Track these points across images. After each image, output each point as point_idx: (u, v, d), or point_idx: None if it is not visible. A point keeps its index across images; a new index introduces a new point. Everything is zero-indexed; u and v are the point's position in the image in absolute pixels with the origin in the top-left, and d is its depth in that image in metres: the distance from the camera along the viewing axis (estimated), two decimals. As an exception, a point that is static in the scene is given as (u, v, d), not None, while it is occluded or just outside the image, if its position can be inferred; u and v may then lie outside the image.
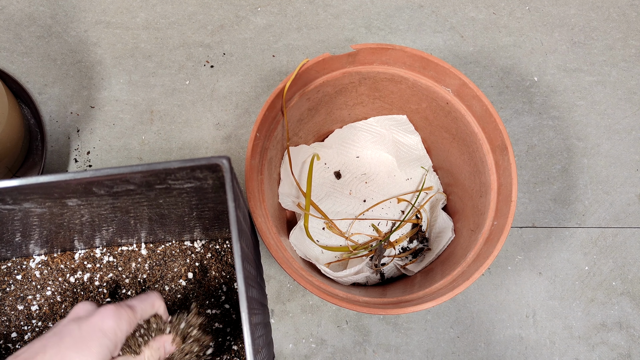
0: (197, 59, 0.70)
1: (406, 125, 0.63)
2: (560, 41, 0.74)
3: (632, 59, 0.73)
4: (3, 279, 0.54)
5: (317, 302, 0.63)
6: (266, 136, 0.53)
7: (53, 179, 0.32)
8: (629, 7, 0.76)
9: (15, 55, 0.69)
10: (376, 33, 0.73)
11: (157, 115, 0.68)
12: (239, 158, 0.67)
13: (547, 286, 0.65)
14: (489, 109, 0.51)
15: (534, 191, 0.68)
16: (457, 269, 0.51)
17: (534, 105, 0.71)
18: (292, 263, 0.49)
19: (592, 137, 0.70)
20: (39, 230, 0.44)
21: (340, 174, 0.66)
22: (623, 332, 0.64)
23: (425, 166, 0.66)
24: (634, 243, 0.67)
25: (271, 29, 0.72)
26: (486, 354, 0.62)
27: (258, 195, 0.50)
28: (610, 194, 0.68)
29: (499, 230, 0.49)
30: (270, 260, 0.64)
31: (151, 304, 0.43)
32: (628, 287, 0.65)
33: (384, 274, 0.62)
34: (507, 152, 0.50)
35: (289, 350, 0.61)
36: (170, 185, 0.36)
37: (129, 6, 0.72)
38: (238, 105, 0.69)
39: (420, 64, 0.54)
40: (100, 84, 0.69)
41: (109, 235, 0.50)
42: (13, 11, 0.71)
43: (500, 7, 0.75)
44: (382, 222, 0.64)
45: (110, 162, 0.66)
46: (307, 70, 0.52)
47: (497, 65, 0.72)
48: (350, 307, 0.46)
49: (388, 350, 0.62)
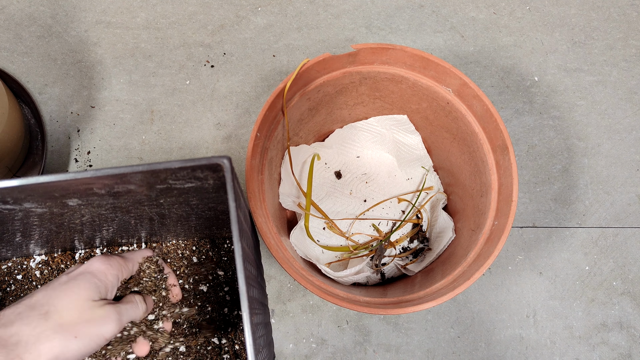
0: (198, 59, 0.70)
1: (407, 125, 0.63)
2: (561, 41, 0.74)
3: (632, 59, 0.73)
4: (3, 279, 0.54)
5: (318, 302, 0.63)
6: (267, 136, 0.53)
7: (53, 179, 0.32)
8: (630, 7, 0.76)
9: (16, 55, 0.69)
10: (376, 33, 0.73)
11: (158, 115, 0.68)
12: (239, 158, 0.67)
13: (547, 286, 0.65)
14: (489, 109, 0.51)
15: (534, 191, 0.68)
16: (458, 269, 0.51)
17: (534, 105, 0.71)
18: (292, 263, 0.49)
19: (592, 137, 0.70)
20: (39, 230, 0.44)
21: (340, 174, 0.66)
22: (623, 332, 0.64)
23: (426, 166, 0.66)
24: (634, 243, 0.67)
25: (271, 29, 0.72)
26: (486, 354, 0.62)
27: (258, 195, 0.50)
28: (611, 193, 0.68)
29: (499, 230, 0.49)
30: (271, 260, 0.64)
31: (142, 255, 0.45)
32: (628, 287, 0.65)
33: (384, 274, 0.62)
34: (508, 152, 0.50)
35: (290, 350, 0.61)
36: (171, 185, 0.35)
37: (129, 6, 0.72)
38: (238, 105, 0.69)
39: (420, 63, 0.53)
40: (101, 83, 0.69)
41: (110, 235, 0.50)
42: (13, 11, 0.71)
43: (500, 7, 0.75)
44: (383, 222, 0.64)
45: (111, 162, 0.66)
46: (307, 70, 0.52)
47: (498, 65, 0.72)
48: (351, 307, 0.46)
49: (388, 350, 0.62)
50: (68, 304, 0.36)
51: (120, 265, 0.42)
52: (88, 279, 0.38)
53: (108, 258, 0.41)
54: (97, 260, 0.40)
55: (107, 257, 0.41)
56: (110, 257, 0.41)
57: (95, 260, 0.40)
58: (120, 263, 0.42)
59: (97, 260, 0.40)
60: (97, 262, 0.40)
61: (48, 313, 0.35)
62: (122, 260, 0.42)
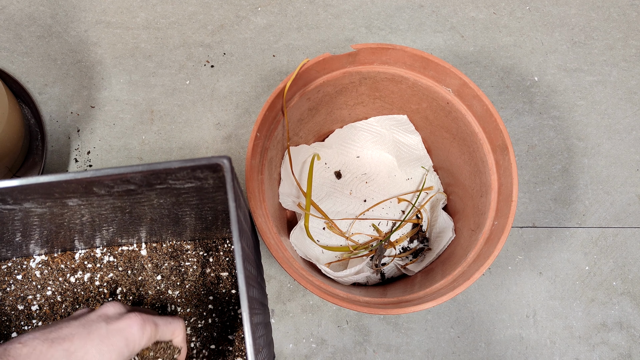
0: (198, 59, 0.70)
1: (406, 125, 0.63)
2: (561, 41, 0.74)
3: (632, 59, 0.73)
4: (3, 278, 0.54)
5: (318, 302, 0.63)
6: (266, 136, 0.53)
7: (53, 179, 0.32)
8: (630, 7, 0.76)
9: (16, 55, 0.69)
10: (376, 33, 0.73)
11: (158, 115, 0.68)
12: (239, 158, 0.67)
13: (547, 286, 0.65)
14: (489, 109, 0.51)
15: (534, 191, 0.68)
16: (458, 268, 0.51)
17: (534, 105, 0.71)
18: (292, 263, 0.49)
19: (592, 137, 0.70)
20: (39, 230, 0.44)
21: (340, 174, 0.66)
22: (623, 332, 0.64)
23: (426, 166, 0.66)
24: (634, 243, 0.67)
25: (271, 29, 0.72)
26: (486, 354, 0.62)
27: (258, 195, 0.50)
28: (611, 193, 0.68)
29: (499, 230, 0.49)
30: (271, 260, 0.64)
31: (172, 331, 0.42)
32: (628, 287, 0.65)
33: (384, 274, 0.62)
34: (508, 152, 0.50)
35: (289, 350, 0.61)
36: (171, 185, 0.36)
37: (129, 6, 0.72)
38: (238, 105, 0.69)
39: (420, 63, 0.53)
40: (101, 83, 0.69)
41: (109, 235, 0.50)
42: (13, 11, 0.71)
43: (500, 7, 0.75)
44: (383, 222, 0.64)
45: (111, 162, 0.66)
46: (307, 70, 0.52)
47: (498, 65, 0.72)
48: (351, 307, 0.46)
49: (388, 350, 0.62)
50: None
51: (151, 336, 0.39)
52: (121, 348, 0.37)
53: (145, 326, 0.39)
54: (136, 327, 0.38)
55: (144, 323, 0.39)
56: (146, 326, 0.39)
57: (134, 323, 0.38)
58: (152, 334, 0.40)
59: (136, 326, 0.38)
60: (136, 329, 0.38)
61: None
62: (154, 332, 0.40)
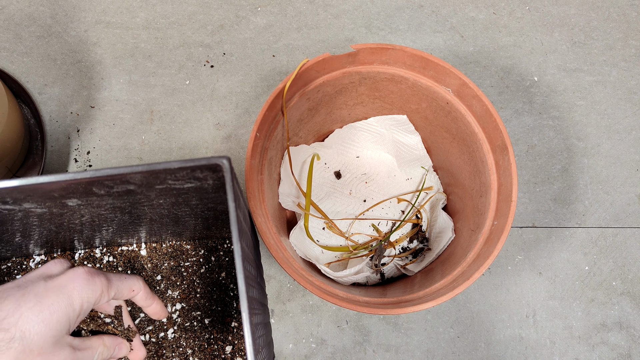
0: (197, 59, 0.70)
1: (406, 125, 0.63)
2: (561, 41, 0.74)
3: (632, 59, 0.73)
4: (3, 279, 0.54)
5: (317, 302, 0.63)
6: (266, 136, 0.53)
7: (53, 179, 0.32)
8: (629, 7, 0.76)
9: (15, 55, 0.69)
10: (376, 33, 0.73)
11: (157, 115, 0.68)
12: (239, 158, 0.67)
13: (547, 286, 0.65)
14: (489, 109, 0.51)
15: (534, 191, 0.68)
16: (457, 269, 0.51)
17: (534, 105, 0.71)
18: (292, 263, 0.49)
19: (592, 137, 0.70)
20: (39, 230, 0.44)
21: (340, 174, 0.66)
22: (623, 332, 0.64)
23: (426, 166, 0.66)
24: (634, 243, 0.67)
25: (271, 29, 0.72)
26: (486, 354, 0.62)
27: (258, 195, 0.50)
28: (611, 193, 0.68)
29: (499, 230, 0.49)
30: (270, 260, 0.64)
31: (130, 287, 0.37)
32: (628, 287, 0.65)
33: (384, 274, 0.62)
34: (507, 152, 0.50)
35: (289, 350, 0.61)
36: (171, 185, 0.36)
37: (129, 6, 0.72)
38: (238, 105, 0.69)
39: (420, 63, 0.53)
40: (100, 83, 0.69)
41: (109, 235, 0.50)
42: (13, 11, 0.71)
43: (500, 7, 0.75)
44: (382, 222, 0.64)
45: (110, 162, 0.66)
46: (307, 70, 0.52)
47: (497, 65, 0.72)
48: (351, 307, 0.46)
49: (388, 350, 0.62)
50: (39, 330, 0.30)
51: (102, 291, 0.34)
52: (64, 308, 0.31)
53: (92, 280, 0.33)
54: (80, 281, 0.33)
55: (91, 277, 0.33)
56: (94, 279, 0.34)
57: (78, 276, 0.33)
58: (103, 289, 0.34)
59: (80, 280, 0.33)
60: (79, 279, 0.33)
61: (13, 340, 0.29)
62: (105, 286, 0.34)
